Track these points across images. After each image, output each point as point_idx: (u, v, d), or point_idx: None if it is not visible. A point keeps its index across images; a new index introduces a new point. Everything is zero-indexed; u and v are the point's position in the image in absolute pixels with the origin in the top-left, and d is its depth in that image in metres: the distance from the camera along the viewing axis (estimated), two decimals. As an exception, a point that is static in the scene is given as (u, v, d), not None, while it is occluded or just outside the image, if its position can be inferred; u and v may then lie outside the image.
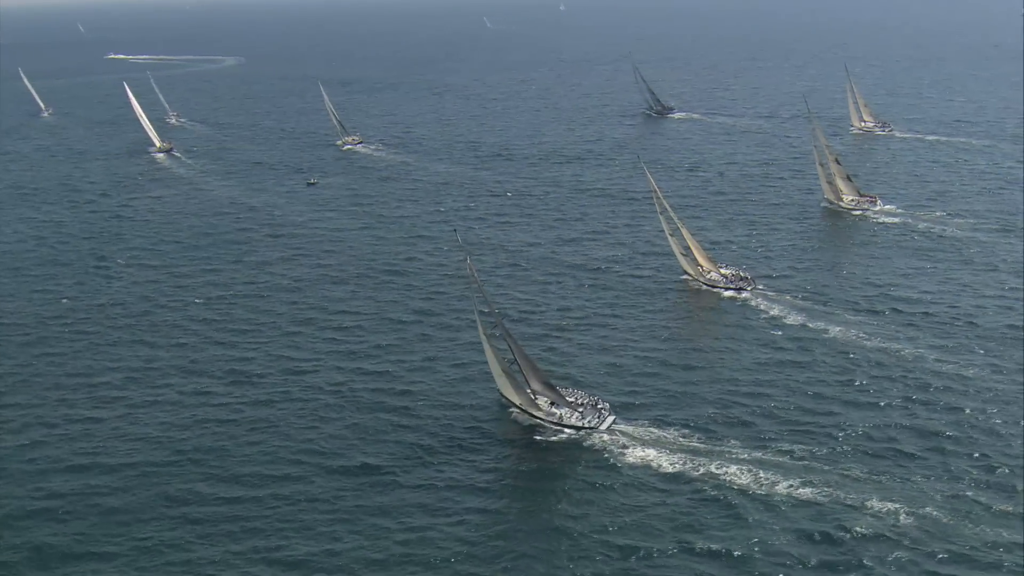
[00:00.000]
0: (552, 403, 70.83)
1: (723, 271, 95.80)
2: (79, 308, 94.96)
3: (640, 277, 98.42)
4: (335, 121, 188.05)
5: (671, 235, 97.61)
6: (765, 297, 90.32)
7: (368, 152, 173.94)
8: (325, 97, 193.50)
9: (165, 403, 72.41)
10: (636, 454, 63.22)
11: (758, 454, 61.90)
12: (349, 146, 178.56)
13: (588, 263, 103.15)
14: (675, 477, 59.85)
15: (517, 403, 71.38)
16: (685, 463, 61.58)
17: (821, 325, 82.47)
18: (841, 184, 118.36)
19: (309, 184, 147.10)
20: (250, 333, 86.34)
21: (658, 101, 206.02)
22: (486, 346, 71.33)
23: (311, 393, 73.45)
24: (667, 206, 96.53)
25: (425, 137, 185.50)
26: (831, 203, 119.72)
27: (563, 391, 70.74)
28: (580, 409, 68.90)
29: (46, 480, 61.66)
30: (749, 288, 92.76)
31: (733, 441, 63.72)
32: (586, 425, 67.25)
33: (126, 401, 73.05)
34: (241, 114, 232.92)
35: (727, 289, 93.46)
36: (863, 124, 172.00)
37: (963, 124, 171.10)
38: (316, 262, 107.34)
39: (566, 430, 67.48)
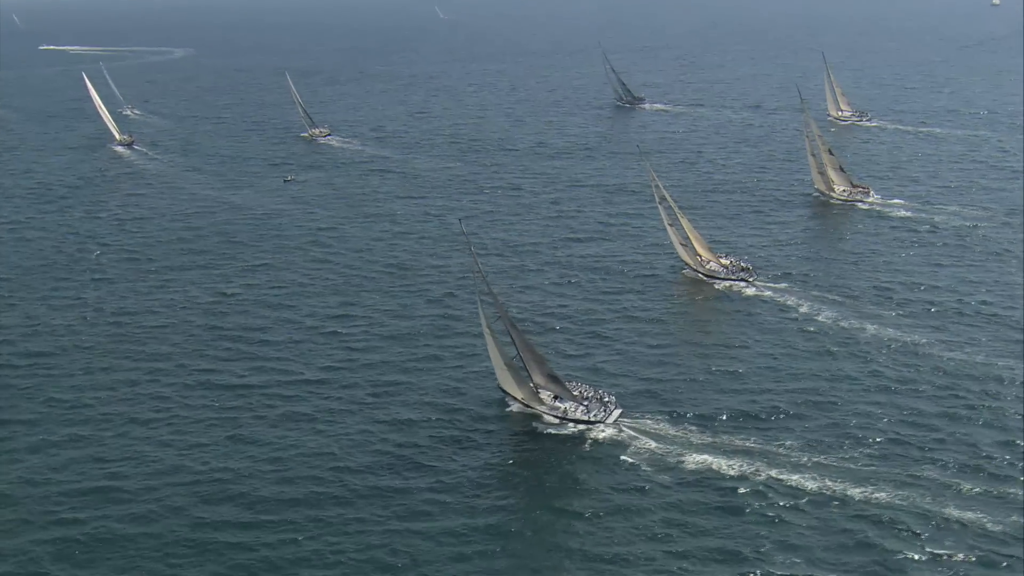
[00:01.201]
0: (556, 397, 70.64)
1: (723, 261, 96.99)
2: (62, 316, 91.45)
3: (639, 269, 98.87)
4: (302, 113, 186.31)
5: (670, 225, 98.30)
6: (766, 287, 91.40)
7: (341, 146, 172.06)
8: (292, 88, 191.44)
9: (172, 419, 69.70)
10: (657, 454, 62.54)
11: (807, 453, 61.86)
12: (318, 138, 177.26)
13: (586, 256, 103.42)
14: (706, 480, 59.11)
15: (519, 397, 70.89)
16: (714, 465, 60.81)
17: (830, 315, 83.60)
18: (833, 175, 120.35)
19: (285, 181, 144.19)
20: (250, 340, 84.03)
21: (628, 91, 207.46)
22: (488, 338, 70.71)
23: (319, 400, 72.03)
24: (667, 196, 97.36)
25: (400, 130, 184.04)
26: (822, 194, 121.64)
27: (567, 384, 70.34)
28: (585, 403, 68.65)
29: (57, 506, 58.64)
30: (750, 278, 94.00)
31: (770, 440, 63.62)
32: (592, 419, 67.00)
33: (129, 417, 70.01)
34: (200, 106, 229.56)
35: (727, 279, 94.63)
36: (840, 113, 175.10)
37: (950, 114, 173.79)
38: (310, 262, 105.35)
39: (573, 425, 67.15)
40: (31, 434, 68.14)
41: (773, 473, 59.01)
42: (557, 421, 68.40)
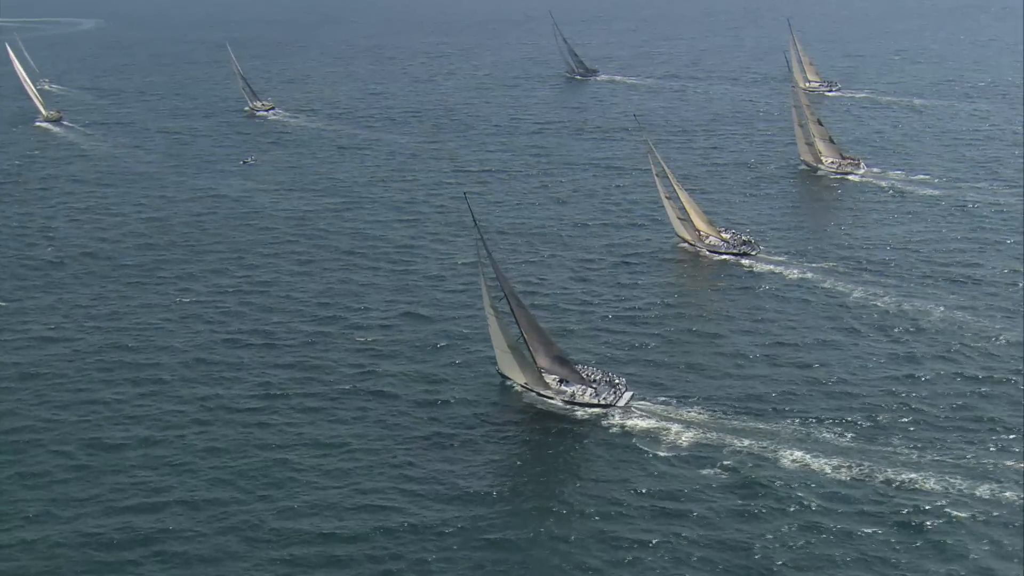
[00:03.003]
0: (561, 380, 71.08)
1: (724, 235, 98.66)
2: (34, 322, 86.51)
3: (637, 246, 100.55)
4: (243, 85, 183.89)
5: (667, 198, 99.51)
6: (770, 261, 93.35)
7: (291, 121, 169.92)
8: (233, 59, 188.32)
9: (193, 438, 66.50)
10: (673, 438, 63.19)
11: (827, 432, 63.11)
12: (261, 112, 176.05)
13: (582, 234, 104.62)
14: (727, 465, 59.71)
15: (522, 382, 71.15)
16: (735, 447, 61.21)
17: (839, 288, 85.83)
18: (821, 146, 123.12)
19: (244, 163, 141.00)
20: (253, 342, 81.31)
21: (581, 63, 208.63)
22: (491, 319, 70.41)
23: (324, 398, 71.51)
24: (666, 168, 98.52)
25: (356, 105, 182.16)
26: (809, 166, 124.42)
27: (576, 367, 70.73)
28: (594, 385, 69.27)
29: (92, 547, 55.74)
30: (753, 252, 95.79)
31: (789, 421, 64.54)
32: (602, 403, 67.71)
33: (145, 438, 66.39)
34: (124, 80, 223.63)
35: (729, 254, 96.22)
36: (808, 84, 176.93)
37: (939, 85, 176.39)
38: (299, 252, 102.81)
39: (582, 410, 67.78)
40: (40, 460, 64.08)
41: (798, 456, 60.12)
42: (564, 406, 68.68)
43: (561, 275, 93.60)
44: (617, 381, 69.59)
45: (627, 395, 68.34)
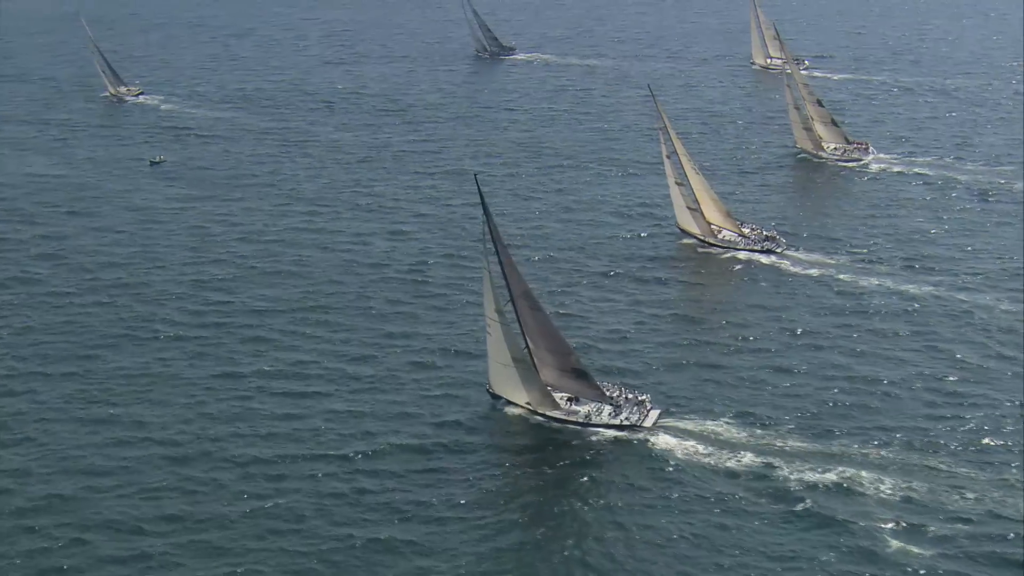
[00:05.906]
0: (571, 399, 70.33)
1: (744, 230, 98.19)
2: None
3: (641, 243, 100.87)
4: (103, 68, 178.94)
5: (677, 184, 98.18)
6: (799, 261, 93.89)
7: (194, 112, 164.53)
8: (91, 37, 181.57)
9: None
10: (714, 462, 63.16)
11: (891, 452, 63.84)
12: (128, 98, 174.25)
13: (574, 233, 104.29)
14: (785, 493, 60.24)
15: (523, 403, 69.98)
16: (794, 476, 61.27)
17: (895, 292, 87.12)
18: (822, 130, 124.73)
19: (153, 163, 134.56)
20: (235, 369, 79.35)
21: (494, 39, 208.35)
22: (495, 326, 68.71)
23: (306, 420, 71.41)
24: (679, 148, 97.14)
25: (257, 91, 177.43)
26: (809, 153, 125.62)
27: (597, 382, 69.85)
28: (613, 403, 68.47)
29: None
30: (778, 249, 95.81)
31: (847, 440, 64.98)
32: (624, 423, 66.98)
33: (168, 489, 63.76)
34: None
35: (749, 251, 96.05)
36: (769, 61, 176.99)
37: (932, 61, 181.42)
38: (263, 269, 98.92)
39: (602, 432, 67.37)
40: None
41: (851, 476, 60.82)
42: (578, 428, 67.85)
43: (569, 281, 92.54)
44: (642, 398, 68.69)
45: (654, 413, 67.59)
